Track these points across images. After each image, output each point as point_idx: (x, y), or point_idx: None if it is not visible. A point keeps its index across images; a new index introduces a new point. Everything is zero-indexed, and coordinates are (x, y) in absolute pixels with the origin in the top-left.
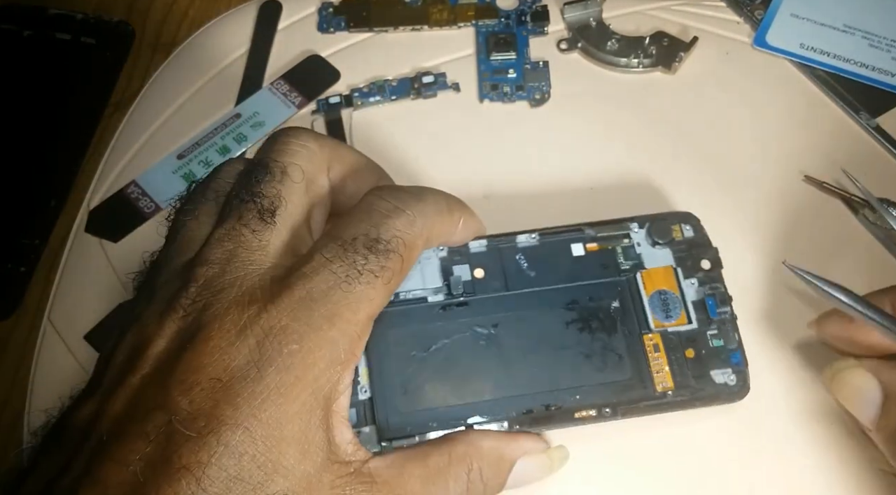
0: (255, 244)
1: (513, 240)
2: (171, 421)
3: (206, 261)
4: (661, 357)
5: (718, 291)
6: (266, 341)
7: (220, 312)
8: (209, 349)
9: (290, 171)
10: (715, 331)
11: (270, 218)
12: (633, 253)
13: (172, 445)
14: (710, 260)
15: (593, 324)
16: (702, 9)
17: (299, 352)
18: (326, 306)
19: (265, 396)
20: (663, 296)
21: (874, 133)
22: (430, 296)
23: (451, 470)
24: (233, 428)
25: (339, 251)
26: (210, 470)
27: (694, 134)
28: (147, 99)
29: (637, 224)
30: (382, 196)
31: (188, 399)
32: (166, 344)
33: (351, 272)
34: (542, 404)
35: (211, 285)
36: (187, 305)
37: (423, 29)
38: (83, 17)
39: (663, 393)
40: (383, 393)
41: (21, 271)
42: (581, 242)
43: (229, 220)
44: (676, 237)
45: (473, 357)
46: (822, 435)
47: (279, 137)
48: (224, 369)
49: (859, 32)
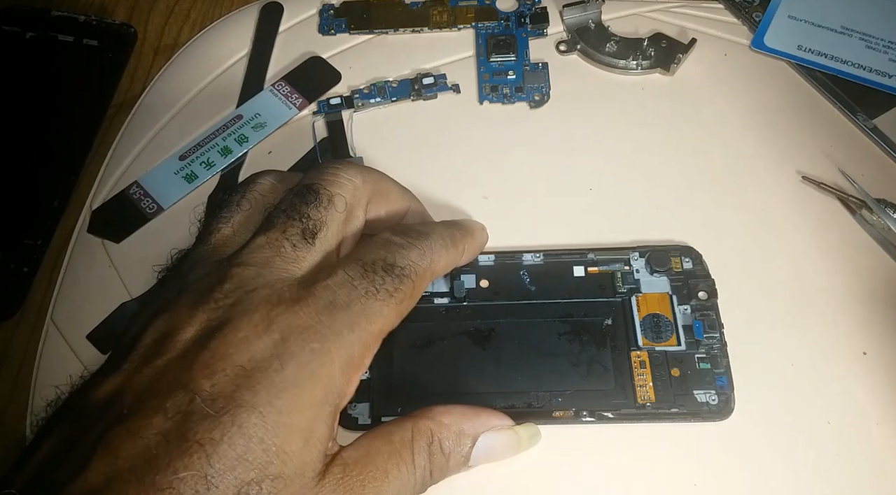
0: (291, 257)
1: (519, 258)
2: (192, 399)
3: (243, 263)
4: (646, 373)
5: (709, 318)
6: (291, 337)
7: (249, 308)
8: (236, 339)
9: (336, 201)
10: (703, 354)
11: (312, 238)
12: (631, 278)
13: (189, 422)
14: (708, 291)
15: (584, 337)
16: (700, 11)
17: (320, 351)
18: (347, 315)
19: (283, 386)
20: (655, 319)
21: (871, 134)
22: (436, 299)
23: (413, 445)
24: (248, 410)
25: (360, 270)
26: (220, 447)
27: (692, 135)
28: (149, 100)
29: (638, 253)
30: (398, 233)
31: (211, 381)
32: (195, 332)
33: (370, 289)
34: (524, 402)
35: (244, 284)
36: (220, 299)
37: (423, 31)
38: (86, 18)
39: (643, 404)
40: (381, 377)
41: (24, 271)
42: (583, 265)
43: (273, 231)
44: (675, 268)
45: (467, 355)
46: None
47: (329, 167)
48: (248, 358)
49: (857, 34)
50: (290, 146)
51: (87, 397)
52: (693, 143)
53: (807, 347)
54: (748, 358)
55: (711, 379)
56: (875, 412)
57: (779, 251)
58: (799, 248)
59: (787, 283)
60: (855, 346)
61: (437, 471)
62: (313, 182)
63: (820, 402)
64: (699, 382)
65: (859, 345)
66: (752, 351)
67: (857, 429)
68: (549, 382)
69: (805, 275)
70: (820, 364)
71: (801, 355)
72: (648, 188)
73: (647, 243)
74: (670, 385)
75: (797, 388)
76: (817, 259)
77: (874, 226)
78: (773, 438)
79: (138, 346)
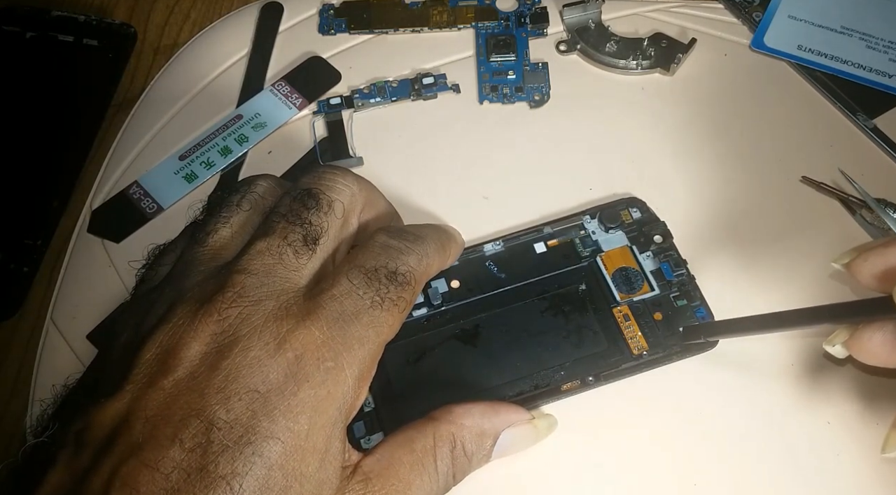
0: (293, 264)
1: (480, 250)
2: (209, 429)
3: (245, 270)
4: (633, 324)
5: (672, 257)
6: (304, 356)
7: (258, 323)
8: (248, 360)
9: (335, 207)
10: (677, 292)
11: (313, 244)
12: (589, 241)
13: (209, 454)
14: (661, 233)
15: (565, 308)
16: (700, 11)
17: (334, 369)
18: (357, 328)
19: (300, 410)
20: (624, 272)
21: (872, 134)
22: (414, 312)
23: (436, 452)
24: (268, 440)
25: (363, 278)
26: (244, 480)
27: (692, 135)
28: (149, 100)
29: (589, 216)
30: (394, 236)
31: (226, 408)
32: (201, 347)
33: (375, 299)
34: (531, 385)
35: (248, 294)
36: (223, 309)
37: (423, 30)
38: (86, 18)
39: (639, 354)
40: (386, 404)
41: (24, 271)
42: (542, 241)
43: (273, 237)
44: (626, 220)
45: (462, 357)
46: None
47: (327, 172)
48: (262, 380)
49: (857, 34)
50: (290, 146)
51: (89, 420)
52: (693, 144)
53: (807, 347)
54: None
55: (692, 313)
56: (875, 412)
57: (779, 251)
58: (799, 249)
59: (788, 283)
60: None
61: (460, 473)
62: (312, 186)
63: (820, 402)
64: (682, 319)
65: None
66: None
67: (857, 429)
68: (547, 360)
69: (805, 275)
70: (820, 364)
71: (802, 355)
72: (647, 188)
73: (594, 204)
74: (657, 329)
75: (796, 389)
76: (817, 259)
77: (874, 226)
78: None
79: (139, 363)
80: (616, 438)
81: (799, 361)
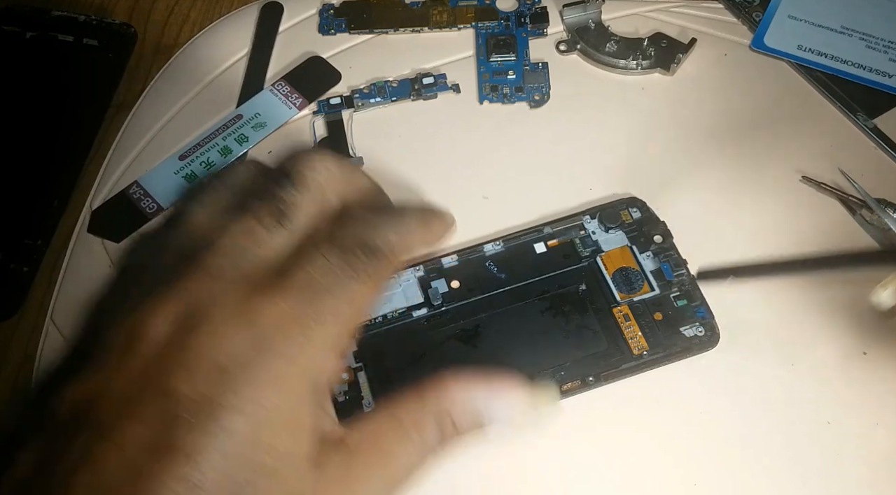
0: (265, 242)
1: (480, 250)
2: (174, 406)
3: (215, 249)
4: (633, 324)
5: (672, 257)
6: (273, 331)
7: (226, 301)
8: (215, 337)
9: (310, 185)
10: (677, 292)
11: (286, 221)
12: (589, 241)
13: (172, 429)
14: (661, 233)
15: (565, 308)
16: (700, 10)
17: (305, 343)
18: (328, 301)
19: (266, 382)
20: (624, 272)
21: (871, 134)
22: (414, 312)
23: (424, 424)
24: (232, 412)
25: (338, 252)
26: (208, 454)
27: (692, 135)
28: (149, 100)
29: (589, 216)
30: (372, 211)
31: (191, 384)
32: (167, 327)
33: (349, 272)
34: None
35: (216, 273)
36: (191, 288)
37: (423, 30)
38: (86, 18)
39: (640, 354)
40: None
41: (24, 271)
42: (542, 241)
43: (245, 216)
44: (626, 220)
45: (461, 356)
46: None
47: (304, 154)
48: (227, 355)
49: (857, 34)
50: (290, 146)
51: (58, 403)
52: (693, 144)
53: (806, 347)
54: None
55: (692, 313)
56: (875, 412)
57: (779, 251)
58: (799, 248)
59: (787, 283)
60: (855, 346)
61: (450, 445)
62: (287, 167)
63: (820, 402)
64: (682, 319)
65: (859, 344)
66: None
67: (857, 429)
68: (548, 360)
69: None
70: (820, 364)
71: (803, 355)
72: (647, 188)
73: (594, 204)
74: (658, 329)
75: (796, 389)
76: None
77: (874, 226)
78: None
79: (107, 345)
80: (616, 438)
81: (799, 361)
